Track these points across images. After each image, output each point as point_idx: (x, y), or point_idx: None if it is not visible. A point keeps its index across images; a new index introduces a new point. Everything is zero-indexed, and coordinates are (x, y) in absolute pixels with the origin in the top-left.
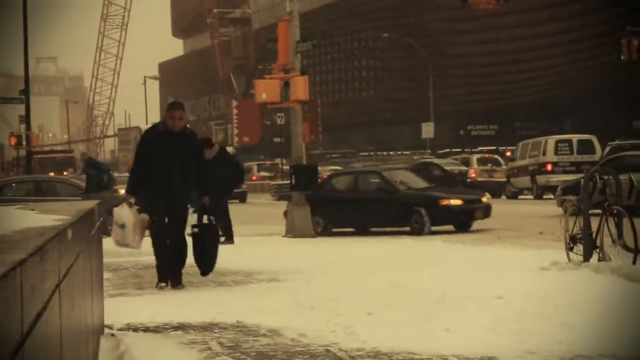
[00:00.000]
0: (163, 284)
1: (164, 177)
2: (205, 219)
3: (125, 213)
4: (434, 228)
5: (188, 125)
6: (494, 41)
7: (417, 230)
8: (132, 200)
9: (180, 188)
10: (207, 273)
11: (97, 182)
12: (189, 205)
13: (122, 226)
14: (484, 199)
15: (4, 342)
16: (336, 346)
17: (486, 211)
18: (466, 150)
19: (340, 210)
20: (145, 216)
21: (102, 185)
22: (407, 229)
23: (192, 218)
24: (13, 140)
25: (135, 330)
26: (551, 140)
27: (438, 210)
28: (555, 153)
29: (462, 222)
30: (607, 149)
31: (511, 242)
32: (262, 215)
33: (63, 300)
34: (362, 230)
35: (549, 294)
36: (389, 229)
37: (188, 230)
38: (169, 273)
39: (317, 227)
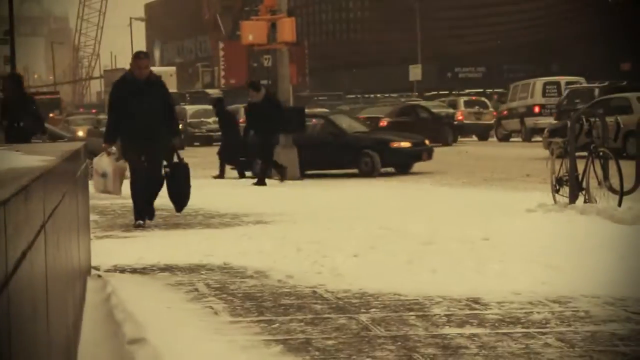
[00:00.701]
0: (140, 222)
1: (137, 122)
2: (175, 158)
3: (105, 162)
4: (383, 170)
5: (153, 72)
6: None
7: (367, 172)
8: (111, 148)
9: (153, 131)
10: (182, 209)
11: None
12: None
13: (104, 175)
14: (427, 142)
15: None
16: (322, 287)
17: (429, 154)
18: (453, 92)
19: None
20: (123, 163)
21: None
22: (356, 171)
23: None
24: None
25: (122, 271)
26: (539, 82)
27: (388, 152)
28: (543, 95)
29: (408, 164)
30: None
31: (498, 184)
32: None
33: (48, 240)
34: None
35: (534, 235)
36: (338, 171)
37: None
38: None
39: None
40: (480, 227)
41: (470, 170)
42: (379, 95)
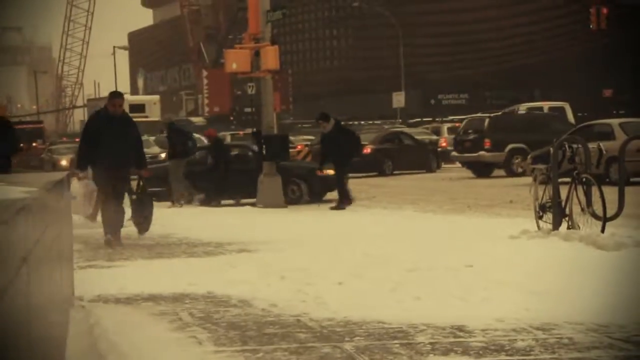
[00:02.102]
0: (109, 236)
1: (108, 153)
2: (141, 188)
3: (75, 187)
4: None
5: (125, 110)
6: (464, 10)
7: (294, 200)
8: (82, 174)
9: (123, 161)
10: (144, 232)
11: (182, 148)
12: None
13: (74, 198)
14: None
15: None
16: (307, 316)
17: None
18: (437, 119)
19: (220, 182)
20: (93, 187)
21: (187, 151)
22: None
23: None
24: None
25: (106, 301)
26: (522, 107)
27: (315, 180)
28: None
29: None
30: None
31: (482, 211)
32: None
33: (31, 272)
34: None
35: (518, 262)
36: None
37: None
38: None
39: (195, 201)
40: (464, 253)
41: (454, 197)
42: (363, 122)
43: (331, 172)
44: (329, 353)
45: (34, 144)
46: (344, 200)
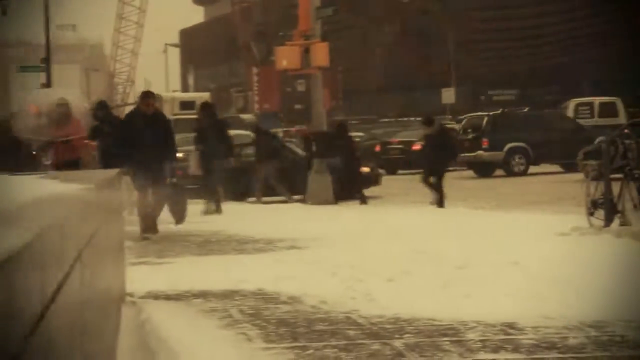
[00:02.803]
0: (147, 235)
1: (143, 148)
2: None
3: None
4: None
5: (158, 108)
6: (514, 5)
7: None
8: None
9: (156, 156)
10: (181, 222)
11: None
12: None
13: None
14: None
15: (24, 313)
16: (356, 313)
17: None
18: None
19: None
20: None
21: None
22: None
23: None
24: (34, 109)
25: (157, 298)
26: (572, 103)
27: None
28: (575, 116)
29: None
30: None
31: (531, 207)
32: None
33: (84, 269)
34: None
35: (568, 259)
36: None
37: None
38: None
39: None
40: (514, 250)
41: (504, 193)
42: (412, 118)
43: (367, 169)
44: (379, 350)
45: (86, 141)
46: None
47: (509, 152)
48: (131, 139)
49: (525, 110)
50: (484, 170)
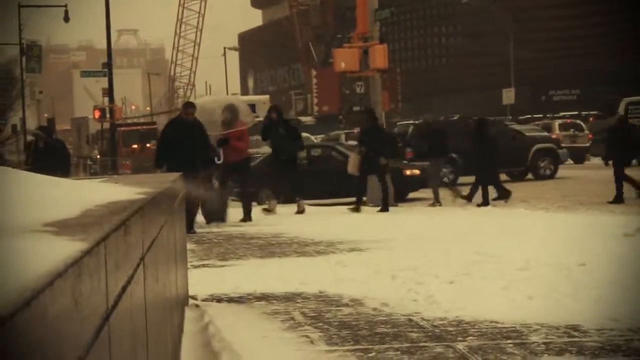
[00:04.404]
0: (193, 231)
1: (182, 153)
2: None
3: None
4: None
5: (196, 117)
6: (575, 4)
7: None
8: (159, 171)
9: (193, 160)
10: (218, 222)
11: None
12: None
13: None
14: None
15: (89, 317)
16: (418, 315)
17: None
18: (547, 115)
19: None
20: None
21: (446, 150)
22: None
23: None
24: (97, 113)
25: (219, 300)
26: (623, 102)
27: (399, 180)
28: (626, 115)
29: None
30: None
31: (595, 208)
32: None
33: (147, 273)
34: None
35: (632, 261)
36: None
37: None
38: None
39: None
40: (576, 252)
41: (566, 194)
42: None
43: (417, 172)
44: (442, 353)
45: (147, 145)
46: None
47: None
48: (170, 145)
49: (456, 118)
50: None
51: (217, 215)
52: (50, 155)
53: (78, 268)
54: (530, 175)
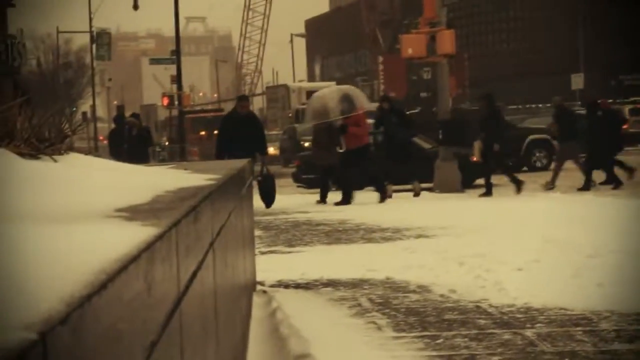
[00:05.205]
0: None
1: (239, 144)
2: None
3: None
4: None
5: (251, 110)
6: None
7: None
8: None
9: (249, 150)
10: (269, 206)
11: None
12: None
13: None
14: None
15: (161, 301)
16: (486, 302)
17: None
18: (618, 101)
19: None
20: None
21: (576, 133)
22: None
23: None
24: (165, 101)
25: (287, 286)
26: None
27: (465, 166)
28: None
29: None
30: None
31: None
32: None
33: (217, 258)
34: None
35: None
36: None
37: None
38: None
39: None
40: None
41: (637, 180)
42: (540, 105)
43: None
44: (510, 340)
45: (215, 132)
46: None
47: None
48: (229, 137)
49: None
50: None
51: (344, 200)
52: (140, 142)
53: (151, 253)
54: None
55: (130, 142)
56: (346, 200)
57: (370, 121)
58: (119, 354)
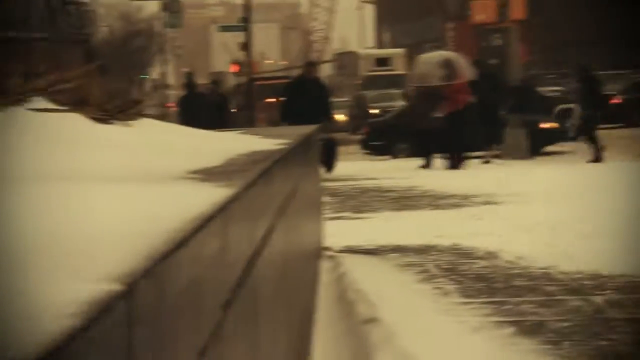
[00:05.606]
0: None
1: (304, 108)
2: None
3: None
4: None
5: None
6: None
7: None
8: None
9: (315, 114)
10: (331, 171)
11: None
12: None
13: None
14: None
15: (236, 262)
16: (555, 269)
17: None
18: None
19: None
20: None
21: None
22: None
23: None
24: (234, 68)
25: (354, 252)
26: None
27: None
28: None
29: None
30: None
31: None
32: None
33: (287, 222)
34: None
35: None
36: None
37: None
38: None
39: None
40: None
41: None
42: (610, 72)
43: (554, 125)
44: (579, 306)
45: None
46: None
47: None
48: (295, 101)
49: None
50: None
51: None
52: (218, 108)
53: (226, 213)
54: None
55: (208, 109)
56: (457, 162)
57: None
58: (197, 310)
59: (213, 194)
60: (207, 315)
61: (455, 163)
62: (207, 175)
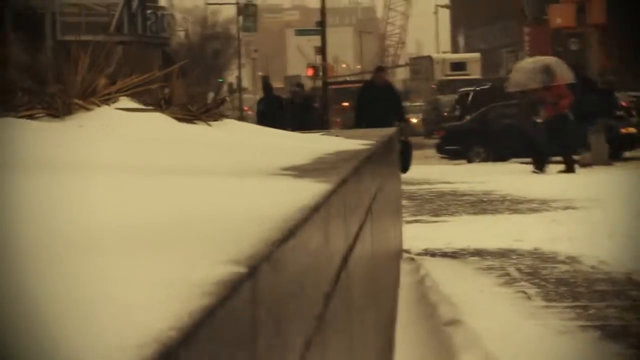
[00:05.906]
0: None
1: (376, 114)
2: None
3: None
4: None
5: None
6: None
7: None
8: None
9: (387, 119)
10: (405, 172)
11: None
12: None
13: None
14: None
15: (334, 255)
16: (638, 274)
17: None
18: None
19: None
20: None
21: None
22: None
23: None
24: (310, 71)
25: (433, 255)
26: None
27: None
28: None
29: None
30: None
31: None
32: None
33: (374, 221)
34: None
35: None
36: None
37: None
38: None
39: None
40: None
41: None
42: None
43: (633, 130)
44: None
45: None
46: None
47: None
48: (367, 106)
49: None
50: None
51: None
52: (303, 111)
53: (328, 205)
54: None
55: (294, 111)
56: (570, 167)
57: None
58: (303, 298)
59: (313, 188)
60: (312, 303)
61: (541, 166)
62: (302, 171)
